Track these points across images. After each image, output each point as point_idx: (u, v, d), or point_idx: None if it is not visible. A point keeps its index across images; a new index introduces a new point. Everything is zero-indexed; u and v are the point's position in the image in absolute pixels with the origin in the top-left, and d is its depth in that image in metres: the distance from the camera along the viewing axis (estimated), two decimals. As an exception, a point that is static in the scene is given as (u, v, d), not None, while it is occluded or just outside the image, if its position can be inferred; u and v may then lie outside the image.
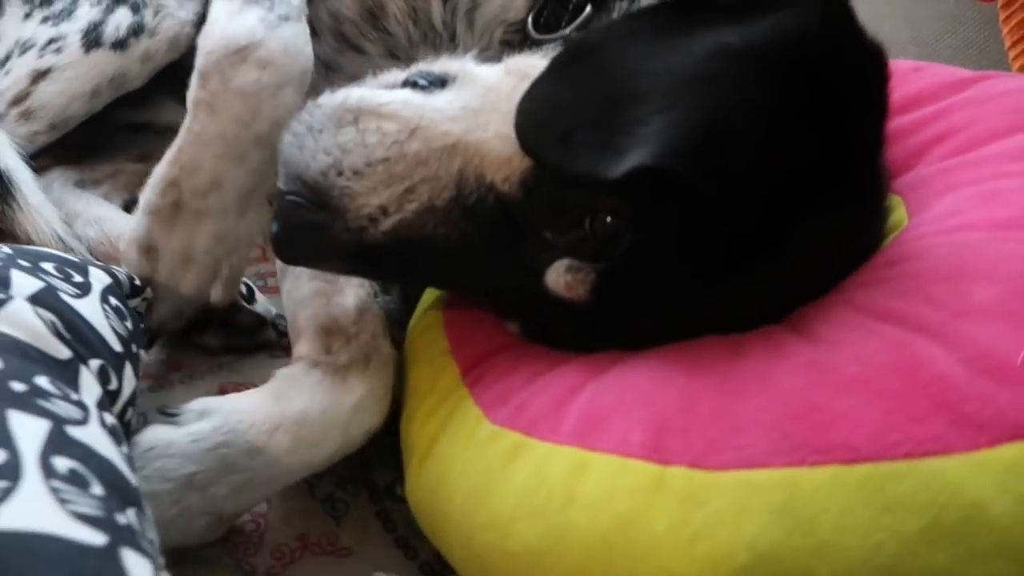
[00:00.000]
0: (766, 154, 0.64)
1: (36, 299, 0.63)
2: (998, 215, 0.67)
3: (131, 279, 0.81)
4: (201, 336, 1.03)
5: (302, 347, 0.87)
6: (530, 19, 0.90)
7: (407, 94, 0.76)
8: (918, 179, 0.80)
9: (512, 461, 0.65)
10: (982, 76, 0.93)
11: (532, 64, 0.77)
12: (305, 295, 0.92)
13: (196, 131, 0.84)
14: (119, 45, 1.08)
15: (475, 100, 0.75)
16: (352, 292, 0.92)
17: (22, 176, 1.03)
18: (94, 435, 0.55)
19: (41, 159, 1.12)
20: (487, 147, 0.71)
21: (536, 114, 0.69)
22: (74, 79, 1.08)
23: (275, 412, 0.79)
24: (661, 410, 0.60)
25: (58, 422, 0.53)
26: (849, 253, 0.70)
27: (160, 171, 0.85)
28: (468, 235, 0.70)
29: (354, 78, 0.98)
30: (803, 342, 0.63)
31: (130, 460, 0.59)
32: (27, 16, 1.13)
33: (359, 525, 0.86)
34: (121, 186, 1.22)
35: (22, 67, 1.08)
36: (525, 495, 0.62)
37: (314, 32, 0.96)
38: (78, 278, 0.71)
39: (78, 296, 0.68)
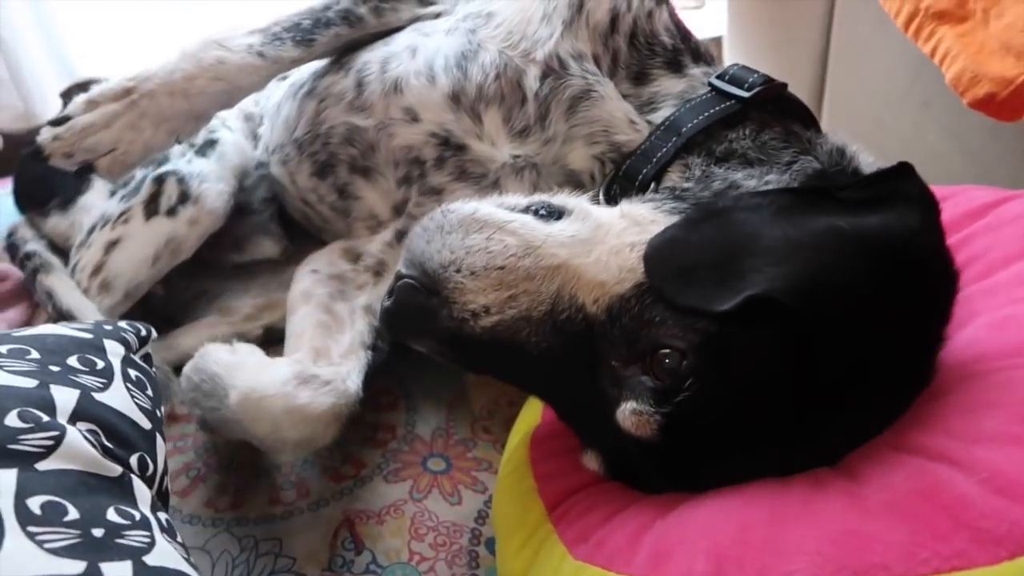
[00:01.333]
0: (854, 315, 0.72)
1: (77, 415, 0.71)
2: (1008, 342, 0.75)
3: (136, 333, 0.91)
4: None
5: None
6: (602, 192, 1.01)
7: (528, 218, 0.86)
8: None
9: (594, 594, 0.73)
10: (1002, 199, 1.01)
11: (643, 214, 0.87)
12: (310, 324, 1.15)
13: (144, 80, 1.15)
14: (171, 212, 1.26)
15: (585, 232, 0.85)
16: (348, 335, 1.14)
17: (85, 313, 1.22)
18: (164, 551, 0.64)
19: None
20: (585, 271, 0.81)
21: (664, 249, 0.80)
22: (138, 246, 1.26)
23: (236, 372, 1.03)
24: (719, 542, 0.68)
25: (136, 556, 0.61)
26: (897, 409, 0.76)
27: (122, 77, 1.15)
28: (554, 348, 0.80)
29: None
30: (839, 475, 0.70)
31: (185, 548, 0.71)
32: (112, 193, 1.34)
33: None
34: None
35: (99, 240, 1.27)
36: (606, 624, 0.70)
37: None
38: (100, 363, 0.80)
39: (104, 387, 0.77)
